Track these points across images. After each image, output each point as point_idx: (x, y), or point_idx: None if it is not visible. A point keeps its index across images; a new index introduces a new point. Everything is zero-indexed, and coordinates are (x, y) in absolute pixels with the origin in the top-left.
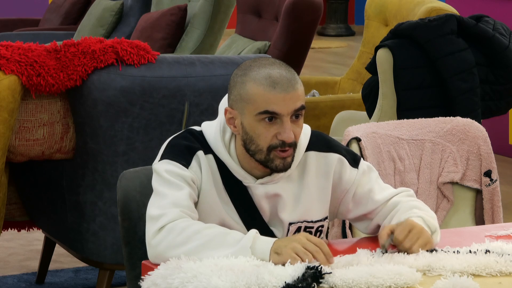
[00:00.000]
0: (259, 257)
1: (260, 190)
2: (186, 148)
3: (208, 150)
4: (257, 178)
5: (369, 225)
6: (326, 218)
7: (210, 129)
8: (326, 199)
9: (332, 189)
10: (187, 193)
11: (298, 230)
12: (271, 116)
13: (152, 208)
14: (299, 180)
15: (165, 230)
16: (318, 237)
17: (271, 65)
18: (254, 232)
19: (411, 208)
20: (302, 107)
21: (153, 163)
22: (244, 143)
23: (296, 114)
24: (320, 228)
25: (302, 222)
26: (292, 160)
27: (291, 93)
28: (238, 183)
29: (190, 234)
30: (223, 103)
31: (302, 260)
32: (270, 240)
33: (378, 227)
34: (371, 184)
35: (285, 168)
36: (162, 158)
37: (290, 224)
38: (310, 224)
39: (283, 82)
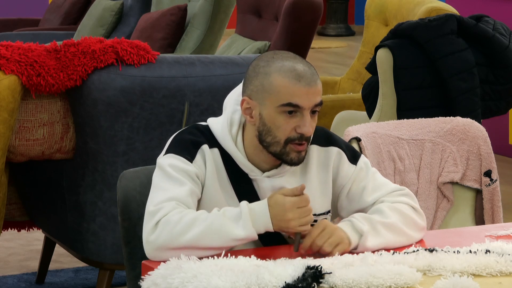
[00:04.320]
0: (263, 230)
1: (266, 183)
2: (191, 142)
3: (213, 144)
4: (264, 171)
5: None
6: (329, 212)
7: (217, 123)
8: (328, 193)
9: (332, 183)
10: (188, 189)
11: None
12: (293, 110)
13: (150, 205)
14: (302, 174)
15: (161, 224)
16: None
17: (294, 59)
18: (246, 209)
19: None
20: (321, 103)
21: (158, 158)
22: (259, 134)
23: (313, 110)
24: None
25: None
26: (305, 154)
27: (313, 87)
28: (244, 176)
29: (188, 222)
30: (229, 99)
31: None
32: (266, 216)
33: None
34: (365, 182)
35: (299, 161)
36: (167, 152)
37: None
38: (314, 218)
39: (307, 76)
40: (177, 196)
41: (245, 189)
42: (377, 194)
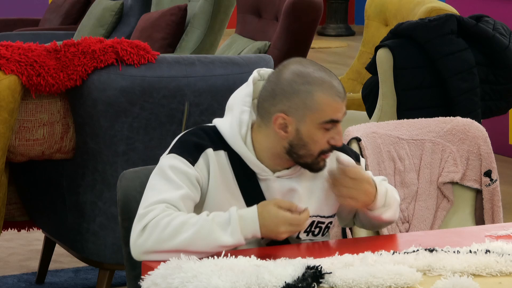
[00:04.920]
0: (250, 237)
1: (277, 183)
2: (195, 145)
3: (219, 146)
4: (273, 172)
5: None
6: (335, 215)
7: (225, 124)
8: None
9: None
10: (182, 194)
11: (311, 224)
12: (332, 125)
13: (141, 207)
14: (312, 176)
15: (149, 228)
16: (325, 233)
17: (325, 71)
18: (235, 216)
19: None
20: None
21: (161, 156)
22: (290, 147)
23: None
24: (329, 225)
25: (316, 216)
26: None
27: (346, 100)
28: (251, 177)
29: (177, 227)
30: (235, 100)
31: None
32: (255, 225)
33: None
34: None
35: (324, 167)
36: (170, 152)
37: None
38: (322, 220)
39: (342, 90)
40: (169, 199)
41: (252, 190)
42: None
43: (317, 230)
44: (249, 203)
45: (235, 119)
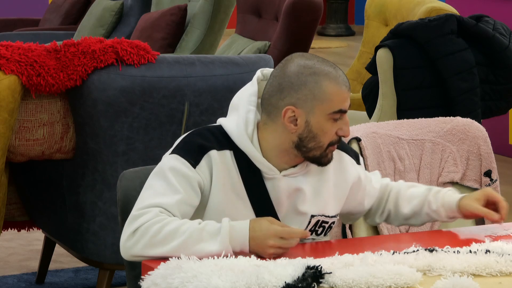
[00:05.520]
0: (238, 249)
1: (283, 182)
2: (199, 147)
3: (224, 145)
4: (280, 171)
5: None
6: (337, 215)
7: (231, 123)
8: (340, 197)
9: (352, 193)
10: (179, 199)
11: (315, 224)
12: (340, 115)
13: (135, 208)
14: (318, 173)
15: (139, 232)
16: (326, 233)
17: (328, 62)
18: (226, 225)
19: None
20: None
21: (164, 155)
22: (300, 141)
23: None
24: (331, 225)
25: (320, 216)
26: None
27: (350, 90)
28: (257, 176)
29: (167, 234)
30: (241, 99)
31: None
32: (245, 236)
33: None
34: (369, 175)
35: (331, 160)
36: (173, 152)
37: (312, 216)
38: (327, 219)
39: (346, 80)
40: (164, 204)
41: (257, 190)
42: (377, 180)
43: (320, 229)
44: (254, 202)
45: (241, 118)
